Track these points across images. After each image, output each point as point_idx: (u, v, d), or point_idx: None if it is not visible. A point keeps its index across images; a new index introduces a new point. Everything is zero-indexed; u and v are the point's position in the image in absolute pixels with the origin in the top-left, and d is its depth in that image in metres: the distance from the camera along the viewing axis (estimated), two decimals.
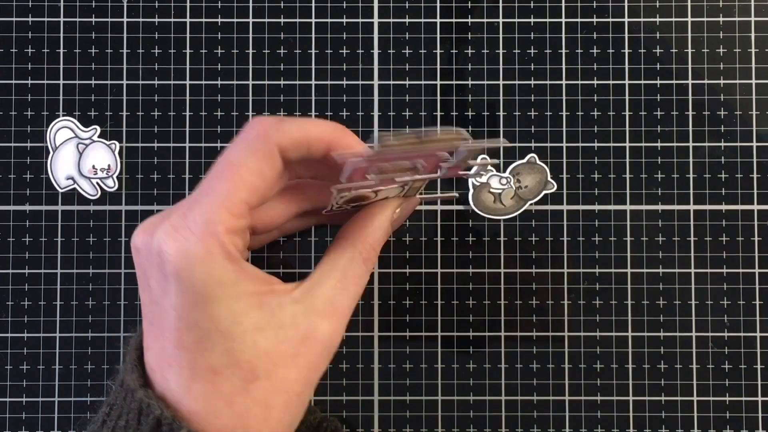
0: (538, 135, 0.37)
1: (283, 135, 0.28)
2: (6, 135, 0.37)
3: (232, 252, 0.27)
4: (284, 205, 0.33)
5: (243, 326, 0.27)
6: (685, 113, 0.37)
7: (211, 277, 0.27)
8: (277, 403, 0.28)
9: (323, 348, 0.29)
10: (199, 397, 0.27)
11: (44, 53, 0.37)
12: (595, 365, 0.37)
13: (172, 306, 0.27)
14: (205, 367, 0.27)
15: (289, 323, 0.28)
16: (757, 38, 0.37)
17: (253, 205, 0.28)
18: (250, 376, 0.27)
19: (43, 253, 0.37)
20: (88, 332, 0.37)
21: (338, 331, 0.29)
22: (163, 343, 0.28)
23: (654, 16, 0.37)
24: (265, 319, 0.28)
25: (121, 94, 0.37)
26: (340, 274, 0.30)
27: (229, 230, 0.27)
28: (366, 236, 0.31)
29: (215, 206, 0.27)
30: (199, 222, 0.27)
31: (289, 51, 0.37)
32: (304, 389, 0.28)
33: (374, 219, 0.31)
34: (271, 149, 0.28)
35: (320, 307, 0.29)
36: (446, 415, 0.37)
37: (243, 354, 0.27)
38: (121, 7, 0.37)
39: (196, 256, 0.26)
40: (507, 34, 0.37)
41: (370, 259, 0.30)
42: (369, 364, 0.37)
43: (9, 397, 0.37)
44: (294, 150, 0.28)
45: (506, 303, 0.37)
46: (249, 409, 0.27)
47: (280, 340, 0.28)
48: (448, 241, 0.37)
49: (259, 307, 0.28)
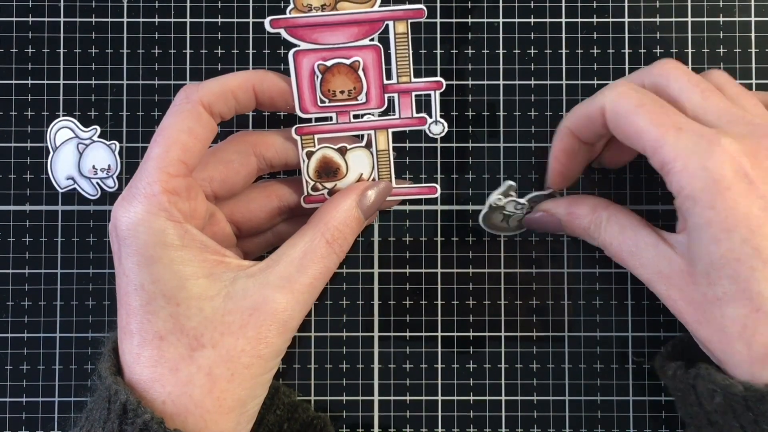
0: (538, 135, 0.37)
1: (204, 92, 0.30)
2: (6, 135, 0.37)
3: (172, 213, 0.28)
4: (264, 199, 0.34)
5: (189, 292, 0.28)
6: None
7: (152, 236, 0.28)
8: (223, 373, 0.28)
9: (274, 320, 0.29)
10: (147, 364, 0.28)
11: (44, 53, 0.37)
12: (595, 365, 0.37)
13: (124, 271, 0.28)
14: (152, 332, 0.28)
15: (240, 295, 0.29)
16: (757, 38, 0.37)
17: (189, 164, 0.29)
18: (195, 343, 0.28)
19: (43, 253, 0.37)
20: (88, 332, 0.37)
21: (293, 307, 0.29)
22: (120, 312, 0.29)
23: (654, 16, 0.37)
24: (215, 289, 0.28)
25: (121, 94, 0.37)
26: (300, 252, 0.30)
27: (167, 190, 0.28)
28: (329, 219, 0.31)
29: (151, 169, 0.29)
30: (140, 187, 0.28)
31: (289, 51, 0.37)
32: (252, 362, 0.28)
33: (338, 201, 0.32)
34: (194, 107, 0.30)
35: (274, 281, 0.29)
36: (446, 415, 0.37)
37: (188, 320, 0.28)
38: (121, 7, 0.37)
39: (138, 217, 0.28)
40: (507, 34, 0.37)
41: (335, 241, 0.30)
42: (369, 364, 0.37)
43: (9, 397, 0.37)
44: (221, 103, 0.31)
45: (506, 303, 0.37)
46: (193, 377, 0.28)
47: (228, 310, 0.28)
48: (448, 241, 0.37)
49: (208, 276, 0.29)
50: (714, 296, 0.28)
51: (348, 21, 0.31)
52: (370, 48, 0.31)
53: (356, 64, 0.31)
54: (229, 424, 0.28)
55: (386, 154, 0.33)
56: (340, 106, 0.32)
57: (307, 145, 0.33)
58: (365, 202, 0.32)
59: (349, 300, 0.37)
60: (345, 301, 0.37)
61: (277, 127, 0.37)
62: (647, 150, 0.29)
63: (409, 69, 0.32)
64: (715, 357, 0.29)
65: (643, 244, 0.31)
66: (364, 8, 0.31)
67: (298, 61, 0.31)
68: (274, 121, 0.37)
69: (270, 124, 0.37)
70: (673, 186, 0.29)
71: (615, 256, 0.32)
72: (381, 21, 0.31)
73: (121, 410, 0.27)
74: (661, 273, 0.30)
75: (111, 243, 0.29)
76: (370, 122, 0.33)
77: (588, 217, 0.33)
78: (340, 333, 0.37)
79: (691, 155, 0.28)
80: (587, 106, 0.32)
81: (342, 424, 0.37)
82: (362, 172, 0.33)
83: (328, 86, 0.32)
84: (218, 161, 0.32)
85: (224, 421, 0.28)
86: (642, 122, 0.29)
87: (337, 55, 0.31)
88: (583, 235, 0.34)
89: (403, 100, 0.33)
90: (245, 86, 0.31)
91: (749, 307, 0.27)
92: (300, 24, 0.31)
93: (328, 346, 0.37)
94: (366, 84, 0.32)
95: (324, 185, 0.33)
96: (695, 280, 0.29)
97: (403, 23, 0.31)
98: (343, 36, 0.31)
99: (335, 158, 0.33)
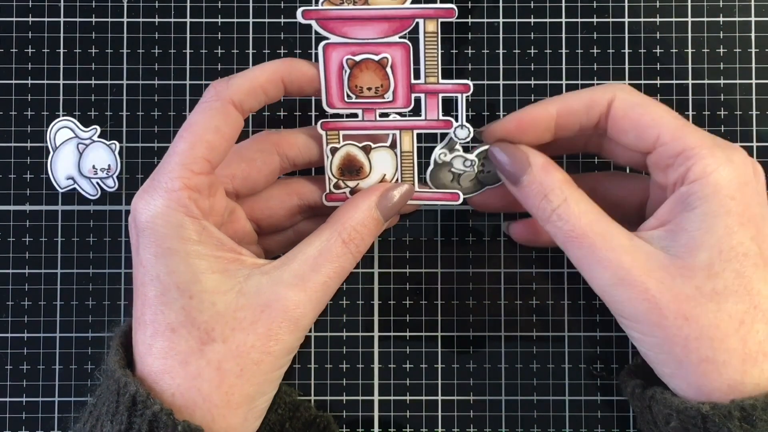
0: None
1: (234, 90, 0.30)
2: (6, 135, 0.37)
3: (191, 209, 0.28)
4: (284, 196, 0.34)
5: (202, 286, 0.28)
6: (685, 113, 0.37)
7: (170, 230, 0.28)
8: (232, 368, 0.28)
9: (285, 318, 0.29)
10: (158, 356, 0.28)
11: (44, 53, 0.37)
12: (594, 365, 0.37)
13: (141, 262, 0.29)
14: (165, 323, 0.28)
15: (253, 292, 0.29)
16: (757, 38, 0.37)
17: (213, 162, 0.29)
18: (206, 337, 0.28)
19: (43, 253, 0.37)
20: (88, 332, 0.37)
21: (305, 305, 0.29)
22: (136, 302, 0.29)
23: (654, 16, 0.37)
24: (228, 284, 0.29)
25: (121, 94, 0.37)
26: (315, 251, 0.30)
27: (188, 186, 0.28)
28: (347, 218, 0.31)
29: (175, 164, 0.29)
30: (162, 180, 0.28)
31: (289, 51, 0.37)
32: (262, 358, 0.28)
33: (357, 201, 0.32)
34: (224, 106, 0.30)
35: (287, 279, 0.29)
36: (446, 415, 0.37)
37: (200, 314, 0.28)
38: (121, 7, 0.37)
39: (157, 210, 0.28)
40: (507, 34, 0.37)
41: (352, 241, 0.30)
42: (369, 364, 0.37)
43: (9, 397, 0.37)
44: (251, 99, 0.31)
45: (506, 303, 0.37)
46: (202, 371, 0.28)
47: (240, 306, 0.28)
48: (448, 241, 0.37)
49: (222, 272, 0.29)
50: (712, 290, 0.28)
51: (379, 16, 0.31)
52: (399, 45, 0.31)
53: (384, 60, 0.31)
54: (237, 419, 0.28)
55: (410, 156, 0.33)
56: (366, 102, 0.32)
57: (332, 141, 0.33)
58: (386, 204, 0.32)
59: (349, 300, 0.37)
60: (345, 301, 0.37)
61: (296, 125, 0.37)
62: (665, 135, 0.29)
63: (437, 69, 0.32)
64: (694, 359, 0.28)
65: (616, 232, 0.29)
66: (396, 4, 0.31)
67: (328, 55, 0.31)
68: (291, 121, 0.37)
69: (287, 123, 0.37)
70: (693, 171, 0.28)
71: (574, 232, 0.29)
72: (411, 18, 0.31)
73: (130, 402, 0.27)
74: (634, 264, 0.28)
75: (129, 234, 0.29)
76: (396, 122, 0.32)
77: (561, 182, 0.30)
78: (340, 333, 0.37)
79: (714, 147, 0.29)
80: (589, 94, 0.31)
81: (342, 424, 0.37)
82: (385, 173, 0.33)
83: (356, 82, 0.31)
84: (241, 159, 0.32)
85: (232, 416, 0.28)
86: (662, 111, 0.30)
87: (365, 50, 0.31)
88: (542, 194, 0.30)
89: (429, 101, 0.32)
90: (274, 79, 0.31)
91: (749, 303, 0.27)
92: (331, 16, 0.31)
93: (328, 346, 0.37)
94: (393, 82, 0.32)
95: (346, 183, 0.33)
96: (687, 273, 0.28)
97: (433, 22, 0.31)
98: (373, 31, 0.31)
99: (359, 156, 0.33)
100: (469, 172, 0.33)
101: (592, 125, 0.31)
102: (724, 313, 0.27)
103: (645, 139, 0.30)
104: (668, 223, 0.29)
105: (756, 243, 0.28)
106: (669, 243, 0.29)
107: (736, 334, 0.27)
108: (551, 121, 0.31)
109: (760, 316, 0.27)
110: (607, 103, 0.31)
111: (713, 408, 0.27)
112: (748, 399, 0.27)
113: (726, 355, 0.27)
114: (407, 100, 0.32)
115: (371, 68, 0.31)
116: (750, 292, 0.27)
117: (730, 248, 0.27)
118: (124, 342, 0.30)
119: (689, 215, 0.28)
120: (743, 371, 0.27)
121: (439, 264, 0.37)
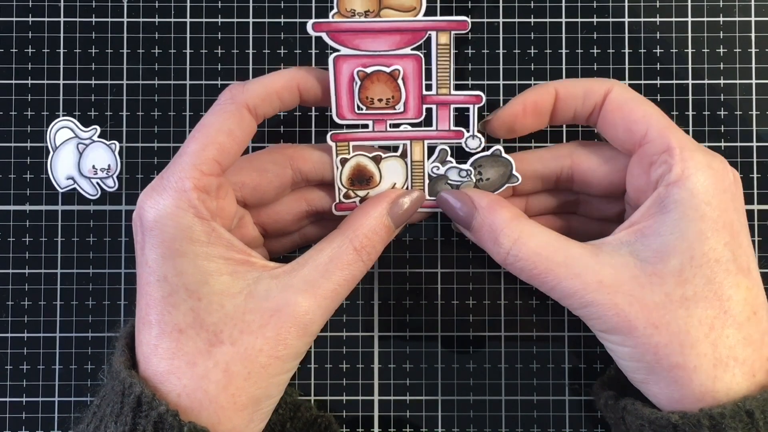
0: (538, 135, 0.37)
1: (249, 94, 0.30)
2: (6, 135, 0.37)
3: (200, 210, 0.28)
4: (292, 203, 0.34)
5: (211, 287, 0.28)
6: (685, 113, 0.37)
7: (179, 231, 0.28)
8: (240, 371, 0.28)
9: (294, 323, 0.28)
10: (165, 356, 0.28)
11: (44, 53, 0.37)
12: (594, 365, 0.37)
13: (146, 261, 0.28)
14: (172, 324, 0.28)
15: (262, 295, 0.29)
16: (757, 38, 0.37)
17: (224, 164, 0.29)
18: (214, 339, 0.28)
19: (43, 253, 0.37)
20: (88, 332, 0.37)
21: (314, 311, 0.29)
22: (140, 303, 0.29)
23: (654, 16, 0.37)
24: (237, 287, 0.29)
25: (121, 94, 0.37)
26: (326, 258, 0.30)
27: (198, 187, 0.28)
28: (359, 225, 0.31)
29: (185, 164, 0.29)
30: (171, 180, 0.28)
31: (289, 51, 0.37)
32: (270, 362, 0.28)
33: (369, 209, 0.32)
34: (238, 109, 0.30)
35: (298, 285, 0.29)
36: (446, 415, 0.37)
37: (209, 316, 0.28)
38: (121, 7, 0.37)
39: (166, 210, 0.28)
40: (507, 34, 0.37)
41: (363, 249, 0.30)
42: (369, 364, 0.37)
43: (9, 397, 0.37)
44: (266, 105, 0.31)
45: (506, 303, 0.37)
46: (209, 372, 0.28)
47: (249, 309, 0.28)
48: (448, 241, 0.37)
49: (231, 274, 0.29)
50: (682, 296, 0.28)
51: (392, 29, 0.30)
52: (411, 57, 0.31)
53: (396, 72, 0.31)
54: (242, 421, 0.28)
55: (421, 166, 0.33)
56: (377, 114, 0.32)
57: (342, 152, 0.32)
58: (397, 211, 0.32)
59: (349, 300, 0.37)
60: (345, 300, 0.37)
61: (306, 128, 0.37)
62: (653, 132, 0.30)
63: (450, 81, 0.32)
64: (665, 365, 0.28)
65: (578, 254, 0.29)
66: (408, 17, 0.30)
67: (338, 67, 0.31)
68: (305, 121, 0.37)
69: (300, 124, 0.37)
70: (673, 171, 0.28)
71: (536, 269, 0.29)
72: (424, 31, 0.31)
73: (135, 403, 0.27)
74: (602, 283, 0.28)
75: (134, 232, 0.29)
76: (407, 133, 0.32)
77: (509, 221, 0.30)
78: (340, 333, 0.37)
79: (696, 150, 0.29)
80: (588, 82, 0.32)
81: (342, 424, 0.37)
82: (395, 182, 0.33)
83: (367, 93, 0.31)
84: (253, 169, 0.32)
85: (238, 418, 0.28)
86: (652, 110, 0.30)
87: (377, 62, 0.31)
88: (493, 237, 0.30)
89: (441, 112, 0.32)
90: (290, 86, 0.31)
91: (718, 308, 0.27)
92: (342, 29, 0.30)
93: (328, 346, 0.37)
94: (405, 93, 0.31)
95: (356, 193, 0.33)
96: (656, 281, 0.28)
97: (445, 34, 0.31)
98: (385, 43, 0.31)
99: (369, 166, 0.33)
100: (468, 182, 0.33)
101: (586, 114, 0.32)
102: (693, 319, 0.27)
103: (633, 133, 0.30)
104: (642, 225, 0.29)
105: (729, 249, 0.28)
106: (640, 247, 0.29)
107: (706, 339, 0.27)
108: (552, 103, 0.32)
109: (730, 321, 0.27)
110: (603, 93, 0.31)
111: (682, 417, 0.27)
112: (717, 407, 0.27)
113: (696, 360, 0.27)
114: (418, 111, 0.32)
115: (382, 80, 0.31)
116: (720, 298, 0.27)
117: (702, 254, 0.28)
118: (129, 343, 0.30)
119: (663, 218, 0.28)
120: (714, 377, 0.27)
121: (439, 264, 0.37)
